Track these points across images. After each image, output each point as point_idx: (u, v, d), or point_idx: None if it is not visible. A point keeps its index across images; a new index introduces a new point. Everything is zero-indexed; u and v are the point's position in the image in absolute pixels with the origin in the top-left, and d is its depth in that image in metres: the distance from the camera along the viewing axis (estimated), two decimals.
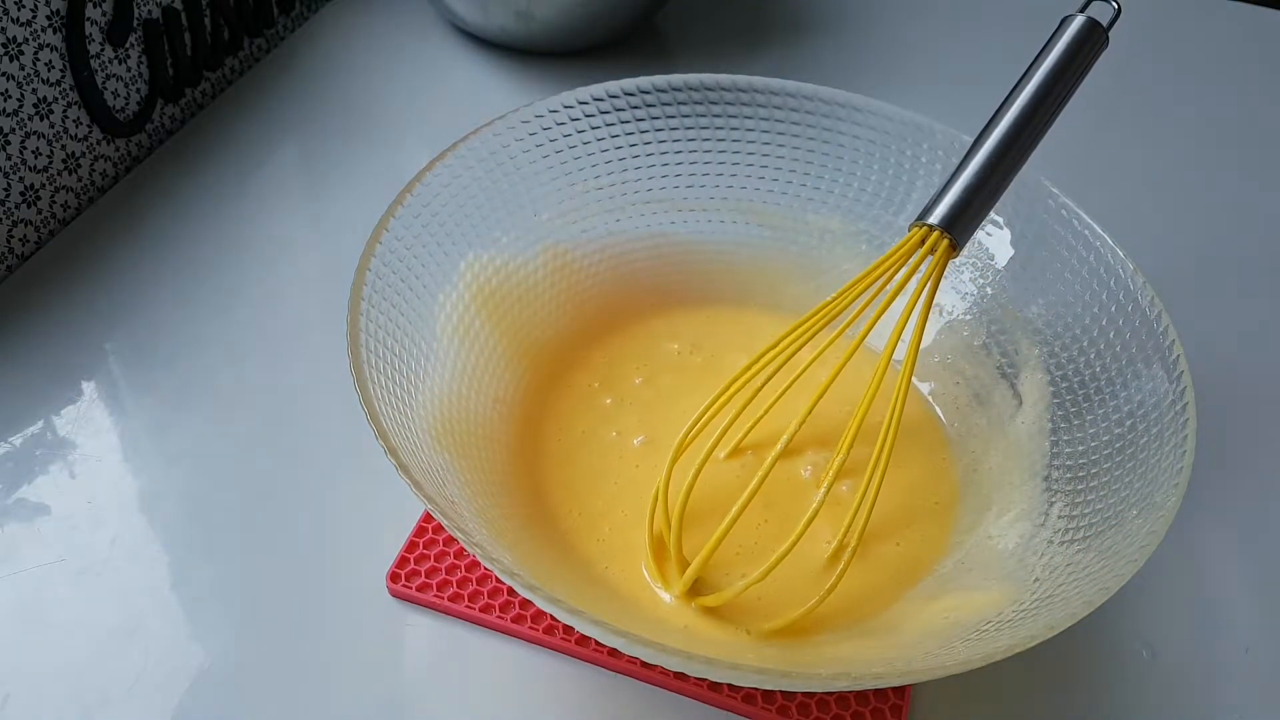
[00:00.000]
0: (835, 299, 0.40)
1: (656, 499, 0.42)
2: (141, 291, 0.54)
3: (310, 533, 0.45)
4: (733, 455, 0.45)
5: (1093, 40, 0.40)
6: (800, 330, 0.40)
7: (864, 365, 0.49)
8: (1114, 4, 0.41)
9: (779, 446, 0.39)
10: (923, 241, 0.39)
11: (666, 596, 0.40)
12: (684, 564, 0.40)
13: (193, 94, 0.65)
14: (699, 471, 0.40)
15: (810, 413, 0.46)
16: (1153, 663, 0.42)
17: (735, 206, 0.53)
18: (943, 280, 0.49)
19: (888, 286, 0.40)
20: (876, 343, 0.49)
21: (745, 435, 0.45)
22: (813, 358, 0.46)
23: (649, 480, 0.44)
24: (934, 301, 0.41)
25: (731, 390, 0.41)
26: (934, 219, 0.39)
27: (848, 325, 0.41)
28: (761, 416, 0.45)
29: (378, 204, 0.44)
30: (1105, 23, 0.41)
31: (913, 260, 0.39)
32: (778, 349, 0.40)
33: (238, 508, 0.45)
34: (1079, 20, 0.40)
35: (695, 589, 0.41)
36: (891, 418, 0.39)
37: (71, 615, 0.41)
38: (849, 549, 0.40)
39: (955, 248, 0.39)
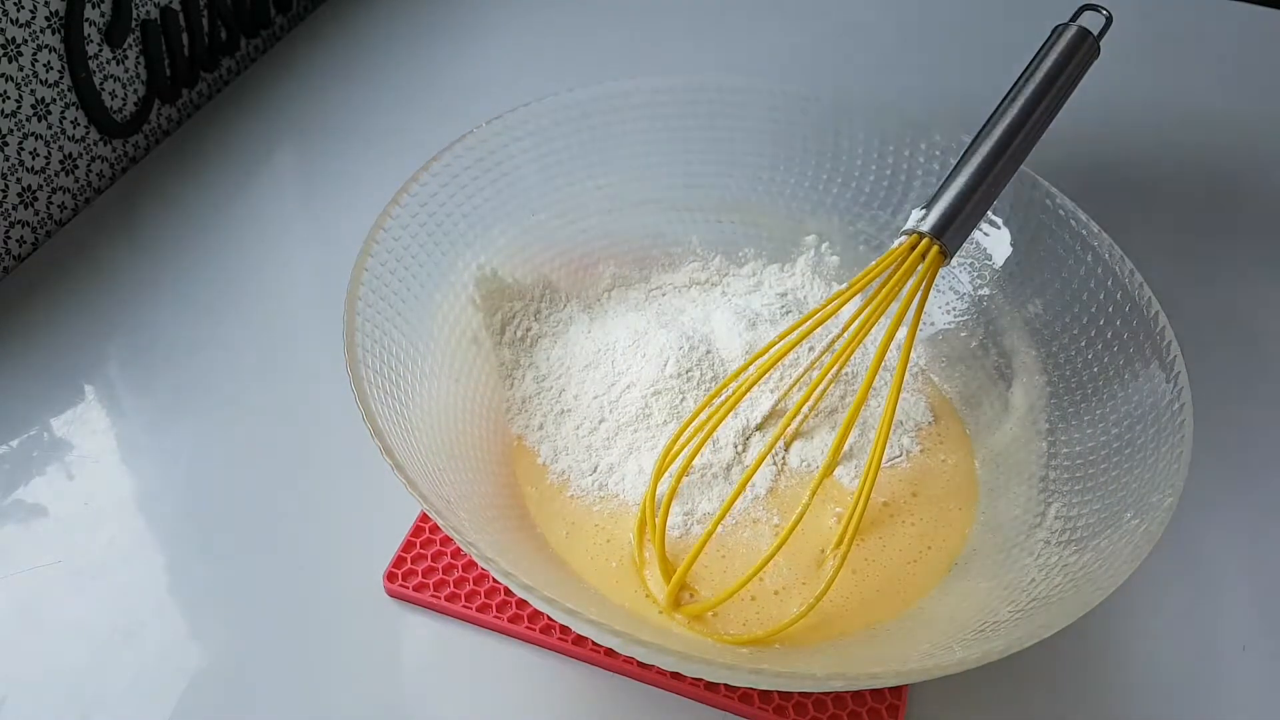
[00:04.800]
0: (826, 305, 0.40)
1: (643, 510, 0.42)
2: (138, 292, 0.54)
3: (308, 533, 0.45)
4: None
5: (1084, 50, 0.40)
6: (790, 336, 0.41)
7: (859, 371, 0.49)
8: (1104, 13, 0.41)
9: (761, 454, 0.39)
10: (913, 248, 0.39)
11: (654, 609, 0.40)
12: (671, 571, 0.40)
13: (190, 94, 0.65)
14: (679, 479, 0.40)
15: (803, 419, 0.46)
16: (1150, 662, 0.42)
17: (733, 206, 0.53)
18: (939, 280, 0.50)
19: (879, 293, 0.40)
20: (872, 348, 0.49)
21: (745, 443, 0.45)
22: (809, 365, 0.46)
23: (642, 486, 0.44)
24: (925, 309, 0.41)
25: (716, 398, 0.41)
26: (926, 227, 0.39)
27: (843, 332, 0.41)
28: (761, 424, 0.45)
29: (375, 204, 0.44)
30: (1097, 31, 0.41)
31: (904, 267, 0.39)
32: (767, 355, 0.40)
33: (235, 508, 0.45)
34: (1071, 30, 0.40)
35: (687, 598, 0.41)
36: (881, 428, 0.39)
37: (69, 616, 0.41)
38: (840, 555, 0.40)
39: (946, 255, 0.39)
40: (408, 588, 0.42)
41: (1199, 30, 0.80)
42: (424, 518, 0.44)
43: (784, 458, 0.45)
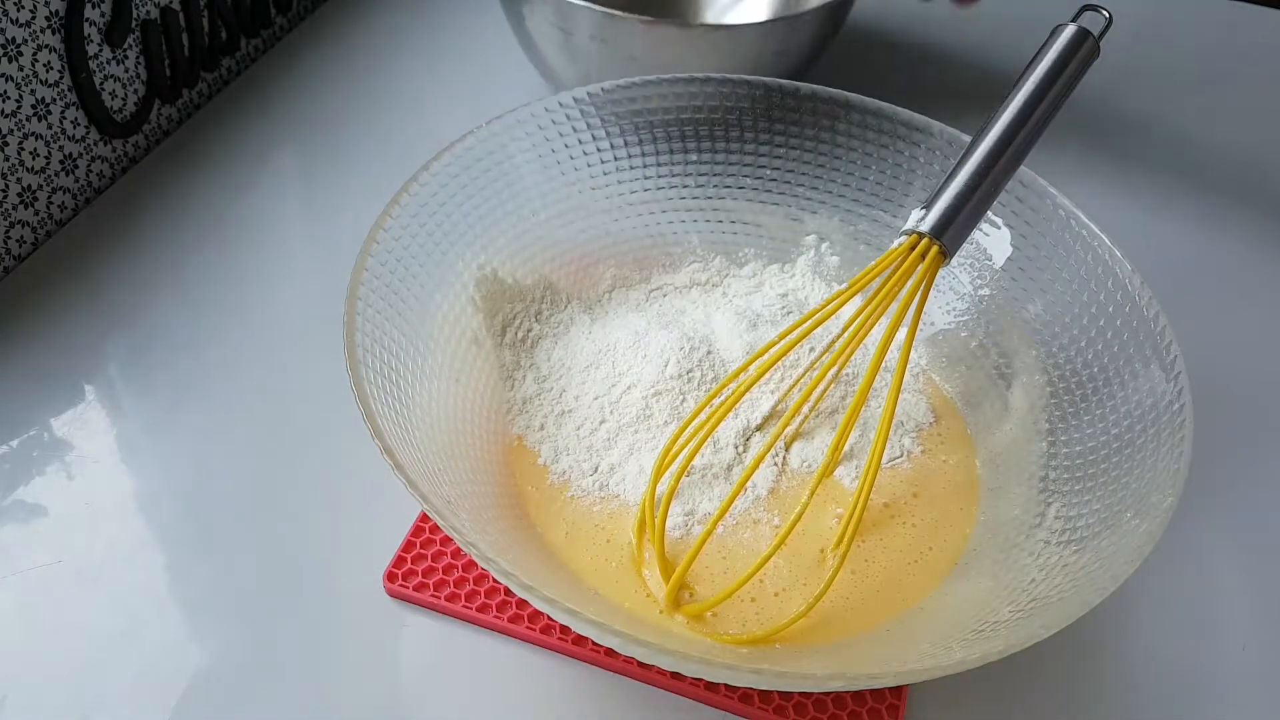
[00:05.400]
0: (826, 305, 0.40)
1: (643, 509, 0.42)
2: (139, 292, 0.54)
3: (308, 533, 0.45)
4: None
5: (1085, 50, 0.40)
6: (790, 336, 0.40)
7: (859, 372, 0.49)
8: (1105, 13, 0.41)
9: (760, 453, 0.39)
10: (913, 248, 0.39)
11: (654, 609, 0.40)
12: (671, 571, 0.40)
13: (190, 94, 0.65)
14: (678, 479, 0.40)
15: (803, 419, 0.46)
16: (1150, 662, 0.42)
17: (732, 206, 0.53)
18: (939, 280, 0.50)
19: (879, 293, 0.40)
20: (872, 349, 0.49)
21: (746, 443, 0.45)
22: (809, 365, 0.46)
23: (642, 485, 0.44)
24: (925, 309, 0.41)
25: (716, 398, 0.41)
26: (925, 227, 0.39)
27: (843, 332, 0.41)
28: (762, 424, 0.45)
29: (375, 204, 0.44)
30: (1097, 32, 0.40)
31: (903, 267, 0.39)
32: (767, 355, 0.40)
33: (235, 508, 0.45)
34: (1070, 30, 0.40)
35: (687, 598, 0.41)
36: (881, 428, 0.39)
37: (69, 617, 0.41)
38: (839, 556, 0.40)
39: (946, 255, 0.39)
40: (408, 588, 0.42)
41: (1199, 30, 0.80)
42: (424, 518, 0.44)
43: (784, 458, 0.45)
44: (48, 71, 0.54)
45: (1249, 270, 0.60)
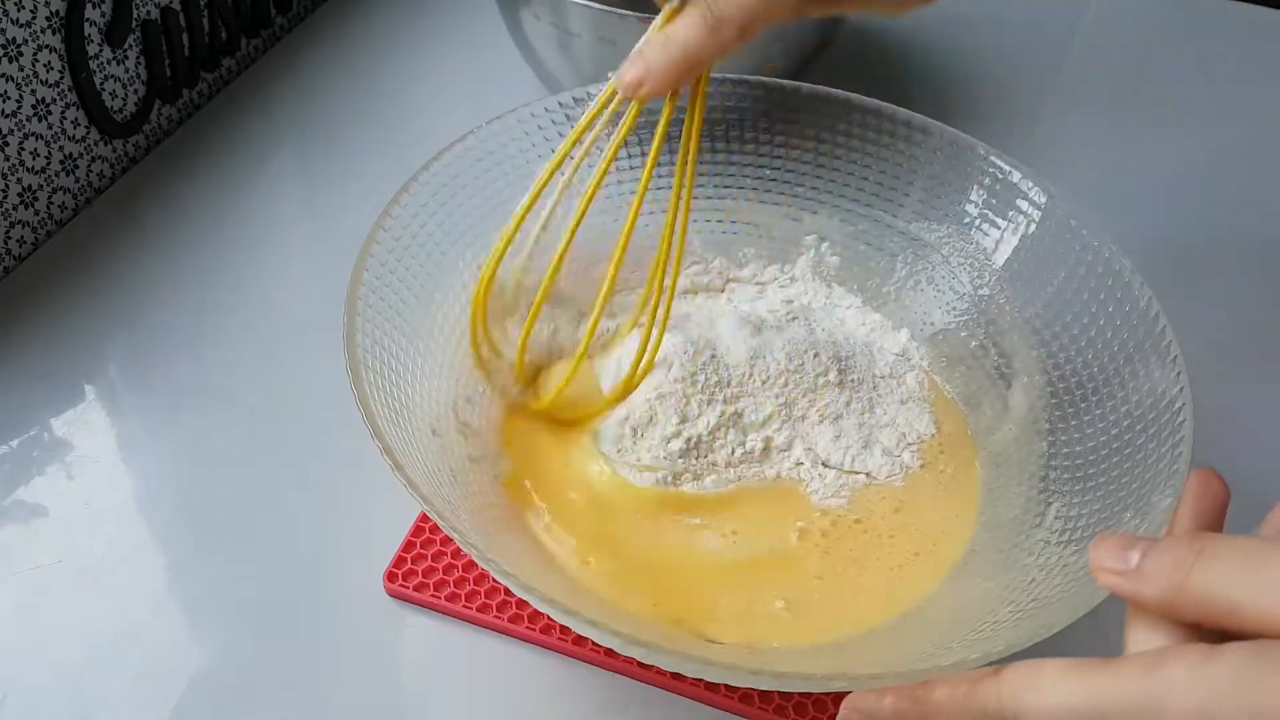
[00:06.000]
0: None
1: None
2: (139, 292, 0.54)
3: (308, 533, 0.45)
4: None
5: None
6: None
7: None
8: None
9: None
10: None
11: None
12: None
13: (190, 95, 0.65)
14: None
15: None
16: None
17: (732, 206, 0.53)
18: (940, 280, 0.50)
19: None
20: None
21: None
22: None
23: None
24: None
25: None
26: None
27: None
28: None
29: (375, 204, 0.44)
30: None
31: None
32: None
33: (235, 508, 0.45)
34: None
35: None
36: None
37: (69, 617, 0.41)
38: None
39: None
40: (408, 588, 0.42)
41: (1199, 30, 0.80)
42: (424, 518, 0.44)
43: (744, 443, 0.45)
44: (48, 71, 0.54)
45: (1249, 269, 0.60)
